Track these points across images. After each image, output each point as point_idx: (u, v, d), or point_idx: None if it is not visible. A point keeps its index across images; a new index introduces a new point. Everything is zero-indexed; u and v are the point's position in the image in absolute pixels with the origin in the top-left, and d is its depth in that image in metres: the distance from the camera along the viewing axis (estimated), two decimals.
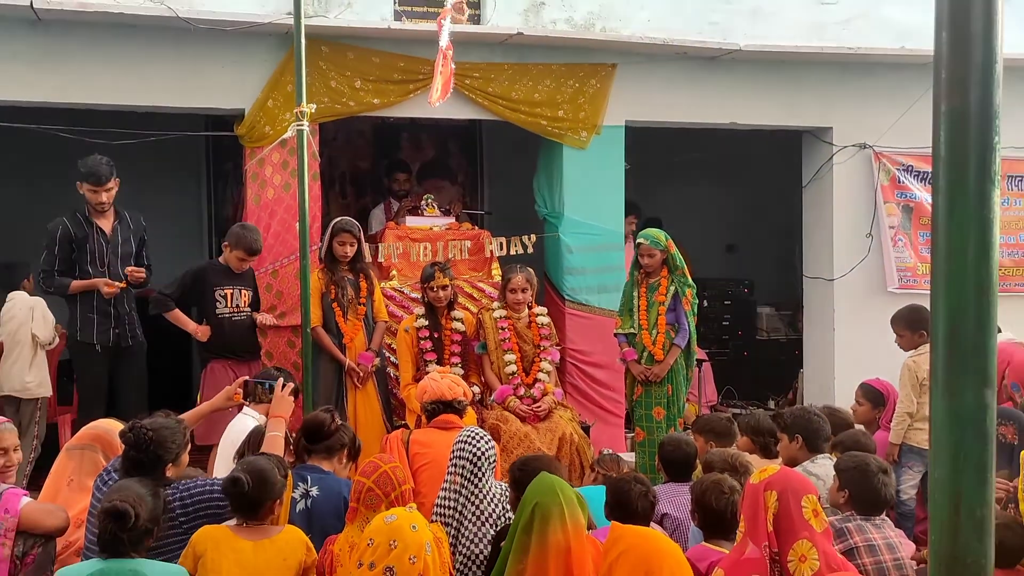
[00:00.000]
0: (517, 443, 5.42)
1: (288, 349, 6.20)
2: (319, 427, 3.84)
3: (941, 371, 1.54)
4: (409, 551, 2.77)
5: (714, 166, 9.16)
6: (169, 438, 3.33)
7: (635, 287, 5.99)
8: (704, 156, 8.92)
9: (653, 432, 5.81)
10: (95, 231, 5.63)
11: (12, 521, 3.34)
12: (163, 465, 3.31)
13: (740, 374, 8.53)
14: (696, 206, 9.35)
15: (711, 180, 9.36)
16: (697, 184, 9.36)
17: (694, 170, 9.21)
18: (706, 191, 9.41)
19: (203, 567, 3.11)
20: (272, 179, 6.25)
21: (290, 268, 6.19)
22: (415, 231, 6.65)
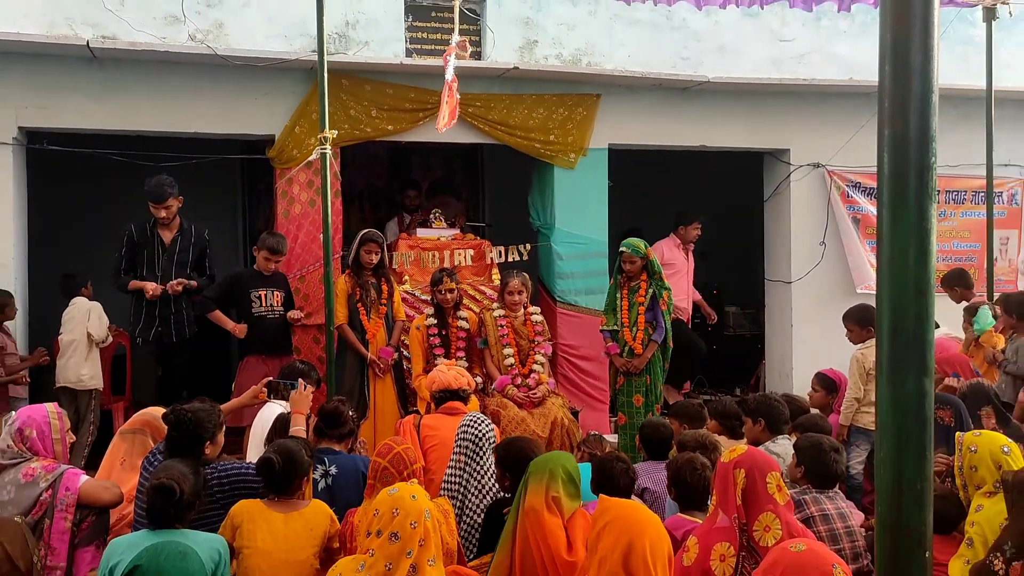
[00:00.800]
0: (515, 426, 5.43)
1: (314, 345, 6.20)
2: (337, 416, 3.84)
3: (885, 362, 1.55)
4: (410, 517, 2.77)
5: (686, 183, 9.16)
6: (205, 419, 3.34)
7: (618, 289, 6.00)
8: (677, 174, 8.92)
9: (634, 417, 5.81)
10: (156, 240, 5.63)
11: (72, 498, 3.34)
12: (201, 443, 3.32)
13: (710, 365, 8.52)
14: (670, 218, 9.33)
15: (684, 195, 9.35)
16: (672, 198, 9.35)
17: (670, 186, 9.22)
18: (680, 204, 9.38)
19: (240, 536, 3.12)
20: (299, 196, 6.25)
21: (315, 274, 6.20)
22: (425, 241, 6.66)
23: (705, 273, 9.41)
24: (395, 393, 5.86)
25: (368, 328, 5.81)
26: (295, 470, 3.25)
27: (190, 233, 5.73)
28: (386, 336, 5.88)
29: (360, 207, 8.60)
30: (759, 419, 4.36)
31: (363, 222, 8.43)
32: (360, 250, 5.84)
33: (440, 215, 6.92)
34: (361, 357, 5.79)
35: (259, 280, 5.77)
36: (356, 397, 5.65)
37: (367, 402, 5.73)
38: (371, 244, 5.83)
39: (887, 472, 1.54)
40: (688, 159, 8.20)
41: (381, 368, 5.78)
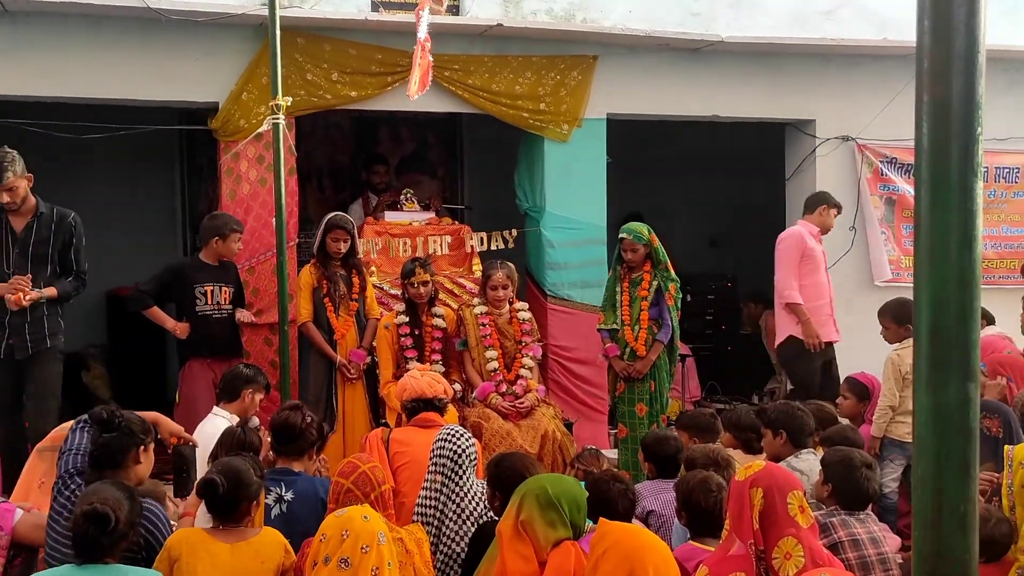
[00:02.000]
0: (499, 441, 5.42)
1: (265, 347, 6.17)
2: (287, 428, 3.81)
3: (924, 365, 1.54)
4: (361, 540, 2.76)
5: (696, 159, 9.17)
6: (136, 422, 3.32)
7: (617, 282, 6.00)
8: (686, 149, 8.93)
9: (636, 429, 5.82)
10: (5, 229, 5.11)
11: (6, 539, 3.31)
12: (130, 453, 3.28)
13: (724, 369, 8.55)
14: (679, 200, 9.37)
15: (693, 173, 9.38)
16: (679, 177, 9.38)
17: (676, 163, 9.23)
18: (689, 184, 9.43)
19: (179, 571, 3.08)
20: (247, 174, 6.21)
21: (267, 264, 6.16)
22: (394, 226, 6.63)
23: (718, 263, 9.46)
24: (367, 403, 5.86)
25: (336, 327, 5.81)
26: (242, 492, 3.22)
27: (50, 219, 5.16)
28: (357, 336, 5.88)
29: (319, 187, 8.57)
30: (780, 431, 4.37)
31: (322, 204, 8.41)
32: (326, 237, 5.83)
33: (412, 196, 6.90)
34: (328, 361, 5.78)
35: (205, 273, 5.73)
36: (323, 407, 5.65)
37: (335, 413, 5.74)
38: (338, 231, 5.82)
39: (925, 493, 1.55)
40: (699, 131, 8.20)
41: (352, 373, 5.78)
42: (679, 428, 4.69)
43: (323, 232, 5.85)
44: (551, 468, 5.42)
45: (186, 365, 5.64)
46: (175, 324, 5.64)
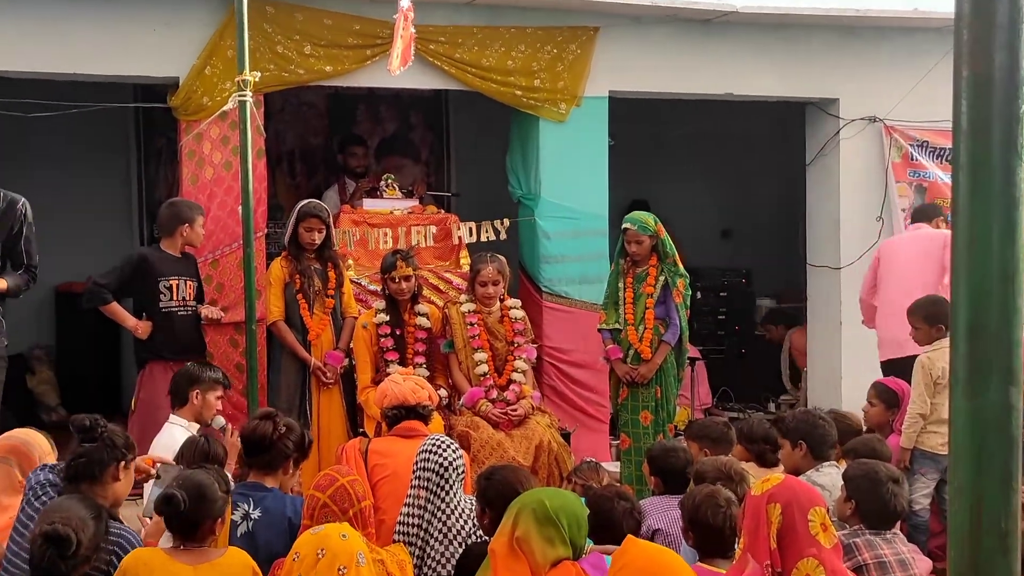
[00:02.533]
0: (489, 452, 5.43)
1: (231, 348, 6.15)
2: (257, 440, 3.80)
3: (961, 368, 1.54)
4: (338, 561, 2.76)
5: (708, 142, 9.19)
6: (120, 435, 3.33)
7: (620, 277, 6.00)
8: (697, 131, 8.94)
9: (640, 439, 5.82)
10: None
11: None
12: (110, 467, 3.28)
13: (737, 374, 8.57)
14: (688, 187, 9.38)
15: (704, 158, 9.39)
16: (689, 162, 9.39)
17: (685, 146, 9.24)
18: (699, 170, 9.44)
19: None
20: (211, 157, 6.20)
21: (232, 257, 6.15)
22: (373, 215, 6.63)
23: (731, 256, 9.48)
24: (343, 410, 5.87)
25: (310, 326, 5.82)
26: (205, 509, 3.21)
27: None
28: (333, 337, 5.89)
29: (290, 171, 8.56)
30: (799, 442, 4.39)
31: (294, 190, 8.39)
32: (298, 227, 5.82)
33: (393, 182, 6.89)
34: (301, 363, 5.79)
35: (170, 265, 5.72)
36: (296, 415, 5.63)
37: (309, 421, 5.74)
38: (312, 219, 5.82)
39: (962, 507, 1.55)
40: (710, 111, 8.21)
41: (327, 377, 5.78)
42: (688, 438, 4.69)
43: (295, 221, 5.84)
44: (547, 482, 5.42)
45: (146, 368, 5.62)
46: (136, 322, 5.62)
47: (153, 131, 8.19)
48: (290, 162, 8.56)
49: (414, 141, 8.85)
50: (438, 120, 8.89)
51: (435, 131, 8.91)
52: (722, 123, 8.69)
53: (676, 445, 4.44)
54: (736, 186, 9.52)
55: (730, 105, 7.71)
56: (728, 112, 8.20)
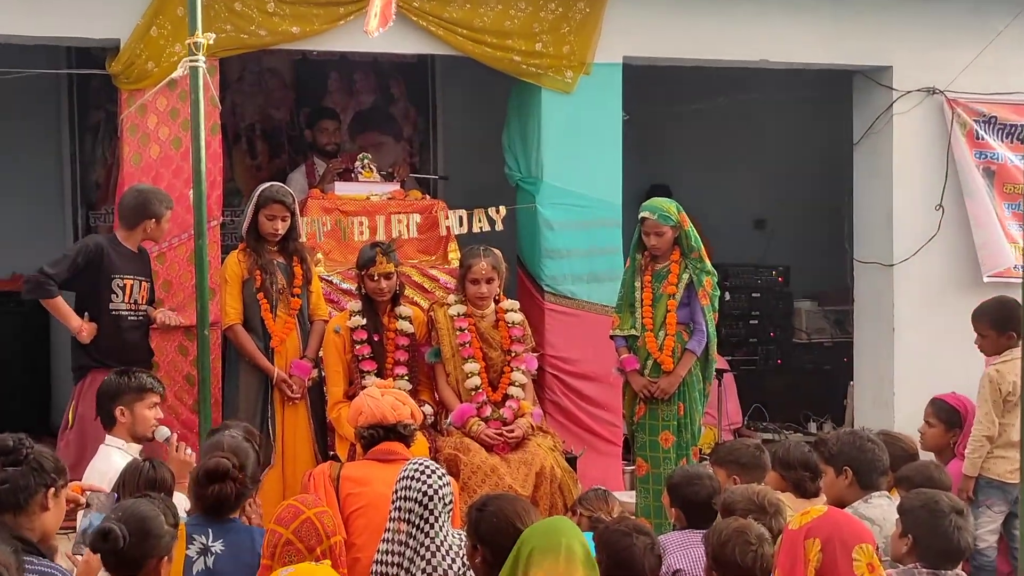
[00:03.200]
0: (481, 479, 5.42)
1: (179, 357, 6.14)
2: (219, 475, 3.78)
3: None
4: None
5: (739, 118, 9.17)
6: (49, 458, 3.31)
7: (637, 275, 5.99)
8: (726, 105, 8.93)
9: (659, 464, 5.81)
10: None
11: None
12: (37, 495, 3.26)
13: (772, 388, 8.57)
14: (715, 170, 9.37)
15: (735, 136, 9.38)
16: (716, 141, 9.38)
17: (712, 123, 9.22)
18: (728, 150, 9.43)
19: None
20: (157, 132, 6.19)
21: (182, 251, 6.15)
22: (347, 201, 6.62)
23: (765, 251, 9.48)
24: (311, 429, 5.86)
25: (274, 331, 5.81)
26: (149, 546, 3.21)
27: None
28: (300, 344, 5.88)
29: (250, 149, 8.55)
30: (844, 468, 4.38)
31: (254, 171, 8.38)
32: (259, 215, 5.81)
33: (370, 162, 6.88)
34: (262, 375, 5.78)
35: (127, 262, 5.72)
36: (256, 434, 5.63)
37: (272, 442, 5.72)
38: (275, 205, 5.81)
39: None
40: (741, 82, 8.20)
41: (293, 391, 5.77)
42: (715, 464, 4.68)
43: (255, 208, 5.83)
44: (549, 514, 5.41)
45: (86, 378, 5.60)
46: (81, 323, 5.62)
47: (89, 102, 8.17)
48: (249, 139, 8.54)
49: (395, 115, 8.83)
50: (423, 91, 8.87)
51: (419, 104, 8.89)
52: (756, 96, 8.68)
53: (701, 472, 4.43)
54: (772, 169, 9.50)
55: (765, 75, 7.70)
56: (763, 83, 8.19)
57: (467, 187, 7.53)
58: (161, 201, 5.78)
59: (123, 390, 4.66)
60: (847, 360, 8.20)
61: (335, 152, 7.62)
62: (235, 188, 8.00)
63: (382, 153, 8.14)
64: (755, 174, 9.55)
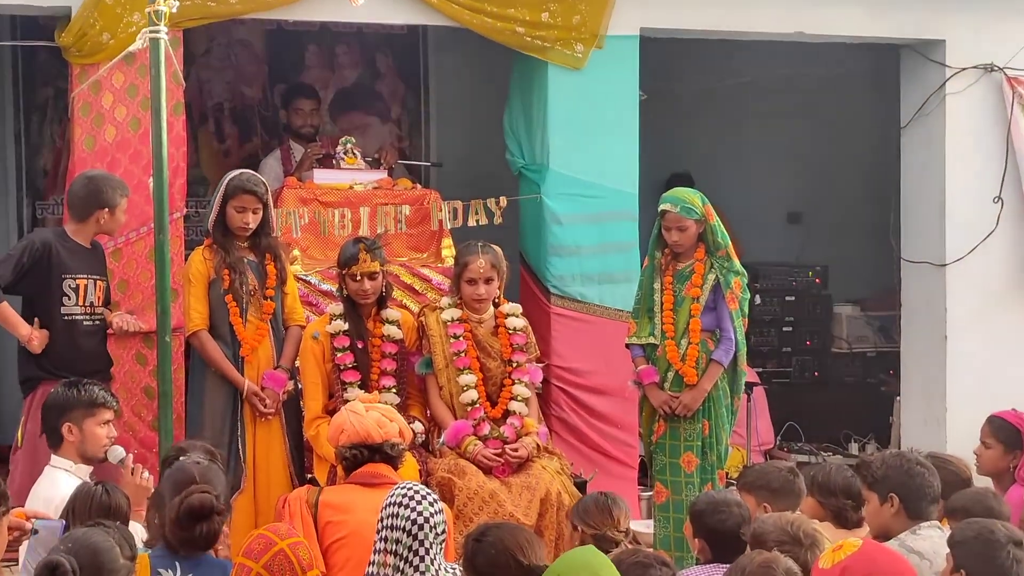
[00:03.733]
0: (479, 506, 5.42)
1: (137, 367, 6.15)
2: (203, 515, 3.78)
3: None
4: None
5: (771, 98, 9.17)
6: None
7: (656, 276, 5.99)
8: (756, 83, 8.93)
9: (681, 490, 5.81)
10: None
11: None
12: None
13: (808, 404, 8.55)
14: (744, 156, 9.37)
15: (766, 119, 9.38)
16: (746, 124, 9.38)
17: (741, 104, 9.22)
18: (759, 135, 9.43)
19: None
20: (113, 112, 6.19)
21: (140, 246, 6.15)
22: (327, 191, 6.62)
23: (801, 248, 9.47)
24: (286, 449, 5.87)
25: (244, 338, 5.81)
26: None
27: None
28: (273, 352, 5.89)
29: (217, 132, 8.56)
30: (890, 495, 4.37)
31: (222, 157, 8.39)
32: (228, 206, 5.82)
33: (354, 147, 6.88)
34: (231, 387, 5.79)
35: (78, 259, 5.72)
36: (225, 455, 5.58)
37: (242, 464, 5.73)
38: (245, 196, 5.80)
39: None
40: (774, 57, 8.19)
41: (266, 405, 5.78)
42: (743, 489, 4.67)
43: (222, 199, 5.83)
44: (555, 546, 5.42)
45: (36, 391, 5.59)
46: (31, 331, 5.61)
47: (35, 78, 8.17)
48: (217, 120, 8.55)
49: (381, 93, 8.84)
50: (414, 66, 8.88)
51: (409, 81, 8.90)
52: (791, 73, 8.68)
53: (728, 498, 4.41)
54: (808, 156, 9.50)
55: (801, 49, 7.70)
56: (799, 58, 8.18)
57: (463, 175, 7.54)
58: (115, 188, 5.77)
59: (71, 405, 4.65)
60: (893, 372, 8.21)
61: (313, 135, 7.62)
62: (201, 176, 7.99)
63: (367, 136, 8.14)
64: (789, 162, 9.54)
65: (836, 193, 9.46)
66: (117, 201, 5.74)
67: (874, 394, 8.70)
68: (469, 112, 8.35)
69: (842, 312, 9.22)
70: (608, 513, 4.49)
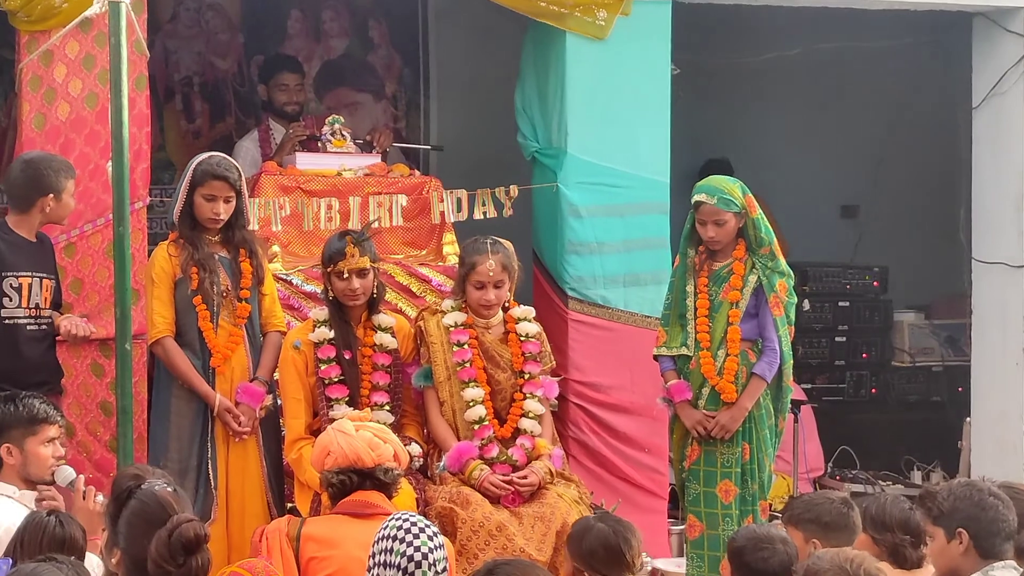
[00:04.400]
0: (485, 540, 5.41)
1: (92, 379, 6.16)
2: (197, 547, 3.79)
3: None
4: None
5: (821, 74, 9.17)
6: None
7: (689, 277, 5.99)
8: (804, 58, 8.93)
9: (717, 523, 5.81)
10: None
11: None
12: None
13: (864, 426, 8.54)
14: (790, 141, 9.36)
15: (815, 98, 9.38)
16: (792, 104, 9.37)
17: (786, 81, 9.22)
18: (807, 116, 9.43)
19: None
20: (66, 87, 6.20)
21: (96, 240, 6.18)
22: (312, 178, 6.63)
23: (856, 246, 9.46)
24: (264, 474, 5.87)
25: (215, 346, 5.81)
26: None
27: None
28: (249, 362, 5.89)
29: (186, 110, 8.58)
30: (959, 531, 4.36)
31: (191, 139, 8.40)
32: (195, 194, 5.81)
33: (342, 127, 6.89)
34: (200, 403, 5.79)
35: (21, 254, 5.73)
36: (193, 480, 5.65)
37: (213, 490, 5.73)
38: (215, 182, 5.78)
39: None
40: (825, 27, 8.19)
41: (241, 424, 5.78)
42: (789, 524, 4.67)
43: (189, 185, 5.82)
44: None
45: None
46: None
47: None
48: (186, 96, 8.57)
49: (375, 67, 8.85)
50: (411, 35, 8.89)
51: (406, 52, 8.91)
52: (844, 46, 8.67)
53: (772, 533, 4.41)
54: (864, 141, 9.49)
55: (856, 17, 7.70)
56: (852, 28, 8.19)
57: (468, 161, 7.54)
58: (58, 170, 5.75)
59: (9, 422, 4.68)
60: (962, 390, 8.19)
61: (297, 114, 7.63)
62: (166, 160, 8.01)
63: (358, 116, 8.15)
64: (843, 147, 9.54)
65: (897, 184, 9.45)
66: (62, 184, 5.72)
67: (940, 415, 8.68)
68: (475, 88, 8.34)
69: (903, 320, 9.20)
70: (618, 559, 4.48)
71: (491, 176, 6.85)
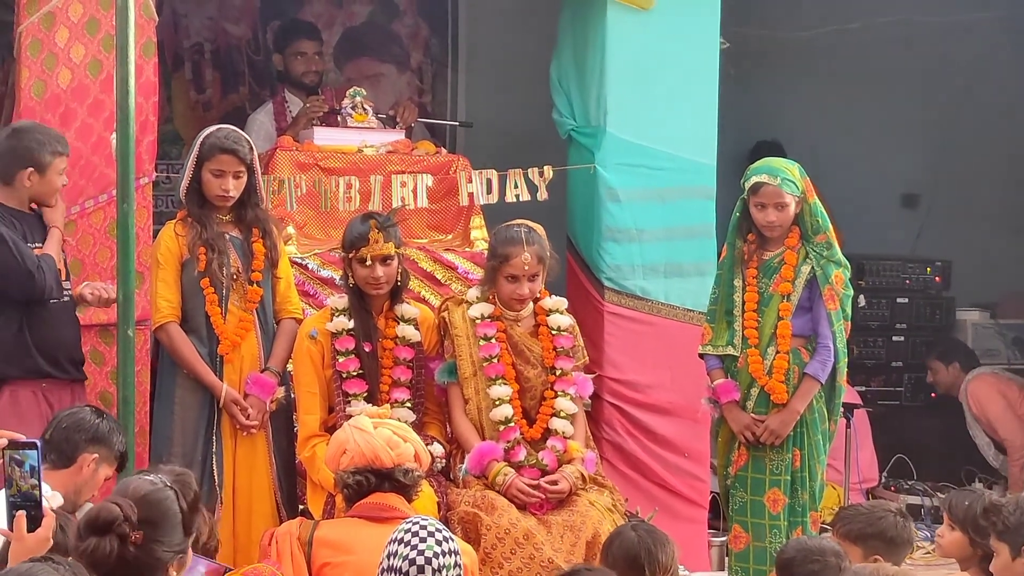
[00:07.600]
0: (511, 549, 5.40)
1: (91, 367, 6.16)
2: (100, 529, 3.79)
3: None
4: None
5: (882, 51, 9.14)
6: None
7: (737, 268, 5.98)
8: (864, 32, 8.90)
9: (764, 535, 5.81)
10: None
11: None
12: None
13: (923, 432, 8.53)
14: (847, 122, 9.34)
15: (875, 75, 9.35)
16: (849, 83, 9.34)
17: (844, 57, 9.19)
18: (867, 95, 9.39)
19: None
20: (68, 52, 6.21)
21: (98, 218, 6.20)
22: (330, 155, 6.64)
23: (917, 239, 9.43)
24: (273, 473, 5.88)
25: (223, 333, 5.81)
26: None
27: None
28: (260, 351, 5.90)
29: (196, 79, 8.62)
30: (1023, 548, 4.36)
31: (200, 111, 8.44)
32: (203, 170, 5.82)
33: (364, 101, 6.89)
34: (207, 393, 5.80)
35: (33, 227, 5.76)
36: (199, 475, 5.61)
37: (218, 489, 5.74)
38: (224, 156, 5.79)
39: None
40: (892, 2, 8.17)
41: (250, 417, 5.79)
42: (841, 537, 4.68)
43: (197, 160, 5.83)
44: None
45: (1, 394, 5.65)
46: None
47: None
48: (196, 65, 8.61)
49: (399, 35, 8.87)
50: (440, 1, 8.90)
51: (434, 20, 8.94)
52: (909, 19, 8.64)
53: (823, 546, 4.42)
54: (928, 123, 9.46)
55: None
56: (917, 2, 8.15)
57: (499, 138, 7.53)
58: (44, 143, 5.73)
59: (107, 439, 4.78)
60: None
61: (315, 85, 7.65)
62: (174, 133, 8.03)
63: (381, 88, 8.15)
64: (904, 130, 9.51)
65: (961, 171, 9.43)
66: (47, 160, 5.69)
67: None
68: (507, 61, 8.34)
69: (967, 319, 9.19)
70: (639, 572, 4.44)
71: (523, 156, 6.83)
